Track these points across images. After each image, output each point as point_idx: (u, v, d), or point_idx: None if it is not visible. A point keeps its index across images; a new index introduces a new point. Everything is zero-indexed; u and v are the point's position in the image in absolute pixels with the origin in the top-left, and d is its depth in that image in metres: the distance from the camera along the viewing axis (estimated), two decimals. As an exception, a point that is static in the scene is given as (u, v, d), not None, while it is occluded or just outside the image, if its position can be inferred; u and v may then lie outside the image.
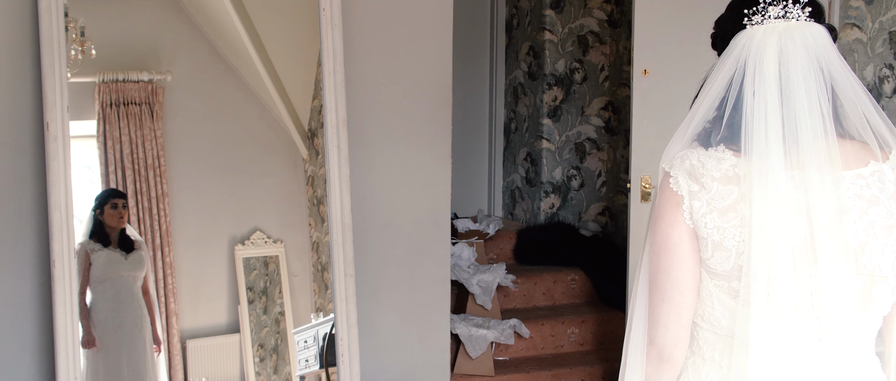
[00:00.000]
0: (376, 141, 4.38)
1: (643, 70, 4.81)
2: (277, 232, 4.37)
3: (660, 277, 2.04)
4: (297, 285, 4.42)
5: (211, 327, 4.27)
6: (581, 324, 5.55)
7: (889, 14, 4.50)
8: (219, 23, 4.21)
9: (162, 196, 4.09)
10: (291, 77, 4.34)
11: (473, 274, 5.83)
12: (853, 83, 1.95)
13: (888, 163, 1.97)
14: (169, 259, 4.11)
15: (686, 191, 1.99)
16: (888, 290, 1.98)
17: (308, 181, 4.41)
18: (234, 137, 4.31)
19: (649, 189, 4.83)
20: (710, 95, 2.00)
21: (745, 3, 2.03)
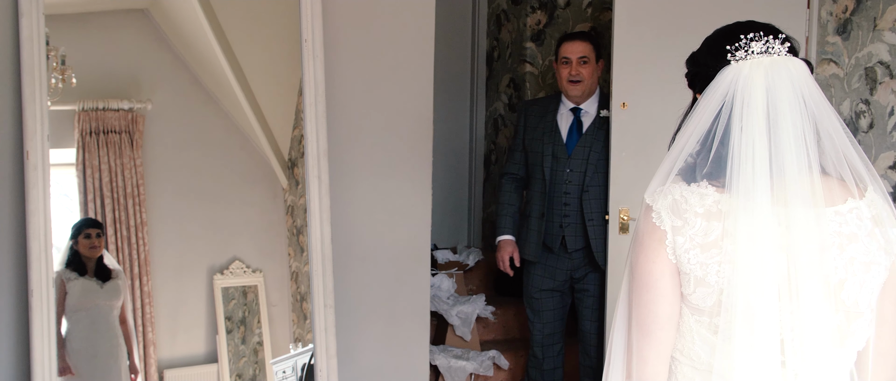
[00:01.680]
0: (357, 171, 4.38)
1: (622, 103, 4.83)
2: (256, 262, 4.36)
3: (640, 311, 2.04)
4: (275, 315, 4.40)
5: (189, 356, 4.25)
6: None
7: (865, 50, 4.55)
8: (200, 52, 4.21)
9: (141, 225, 4.08)
10: (272, 107, 4.34)
11: (453, 305, 5.82)
12: (833, 119, 1.97)
13: (864, 200, 1.99)
14: (147, 288, 4.09)
15: (669, 226, 1.99)
16: (864, 326, 1.99)
17: (288, 211, 4.41)
18: (214, 166, 4.31)
19: (628, 221, 4.84)
20: (697, 130, 2.00)
21: (726, 39, 2.04)
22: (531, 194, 5.09)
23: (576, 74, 4.94)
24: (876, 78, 4.49)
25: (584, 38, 5.02)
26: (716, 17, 2.29)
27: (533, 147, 5.06)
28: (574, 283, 5.09)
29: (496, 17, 7.14)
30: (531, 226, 5.06)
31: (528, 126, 5.11)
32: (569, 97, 5.02)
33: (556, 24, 6.55)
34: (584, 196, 4.90)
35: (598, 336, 5.06)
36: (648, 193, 2.07)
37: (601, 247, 4.92)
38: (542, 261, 5.07)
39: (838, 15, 4.71)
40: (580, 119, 5.00)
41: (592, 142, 4.92)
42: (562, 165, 4.94)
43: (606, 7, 6.21)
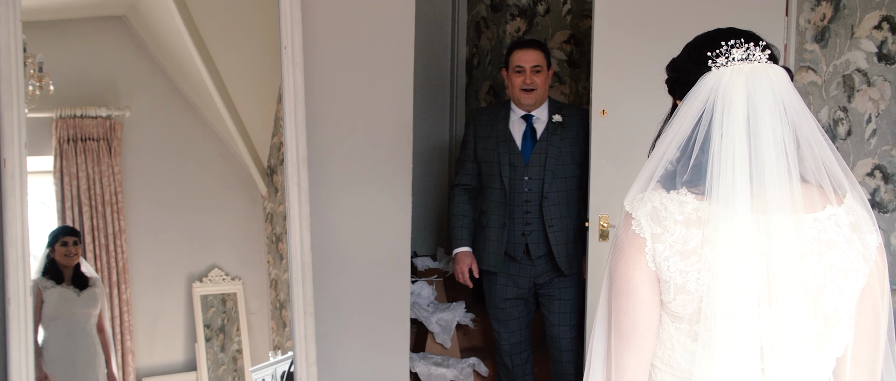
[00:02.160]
0: (336, 179, 4.38)
1: (602, 110, 4.84)
2: (235, 269, 4.34)
3: (620, 318, 2.05)
4: (255, 322, 4.39)
5: (167, 365, 4.23)
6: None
7: (843, 58, 4.57)
8: (178, 59, 4.20)
9: (119, 233, 4.06)
10: (251, 114, 4.33)
11: (433, 312, 5.82)
12: (812, 126, 1.97)
13: (842, 207, 1.99)
14: (125, 296, 4.07)
15: (649, 234, 1.99)
16: (843, 332, 2.00)
17: (267, 218, 4.40)
18: (193, 173, 4.29)
19: (607, 228, 4.84)
20: (677, 136, 2.00)
21: (706, 46, 2.04)
22: (489, 204, 5.06)
23: (530, 83, 4.92)
24: (853, 85, 4.51)
25: (537, 47, 5.01)
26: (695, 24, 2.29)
27: (486, 157, 5.03)
28: (538, 289, 5.08)
29: (476, 24, 7.14)
30: (491, 236, 5.04)
31: (479, 136, 5.08)
32: (520, 105, 5.00)
33: (535, 31, 6.56)
34: (543, 203, 4.90)
35: (568, 341, 5.06)
36: (628, 200, 2.07)
37: (563, 252, 4.92)
38: (504, 270, 5.05)
39: (816, 23, 4.73)
40: (533, 126, 4.99)
41: (548, 148, 4.92)
42: (519, 173, 4.93)
43: (586, 14, 6.22)
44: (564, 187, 4.92)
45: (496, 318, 5.16)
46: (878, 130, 4.41)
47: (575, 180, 4.98)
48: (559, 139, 4.92)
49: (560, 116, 4.95)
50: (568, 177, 4.94)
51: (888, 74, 4.35)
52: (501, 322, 5.14)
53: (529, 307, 5.18)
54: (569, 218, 4.96)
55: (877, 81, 4.41)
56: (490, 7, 6.96)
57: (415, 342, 5.82)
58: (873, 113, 4.43)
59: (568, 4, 6.38)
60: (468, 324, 5.90)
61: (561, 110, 5.00)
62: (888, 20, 4.36)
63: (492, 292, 5.13)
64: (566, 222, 4.94)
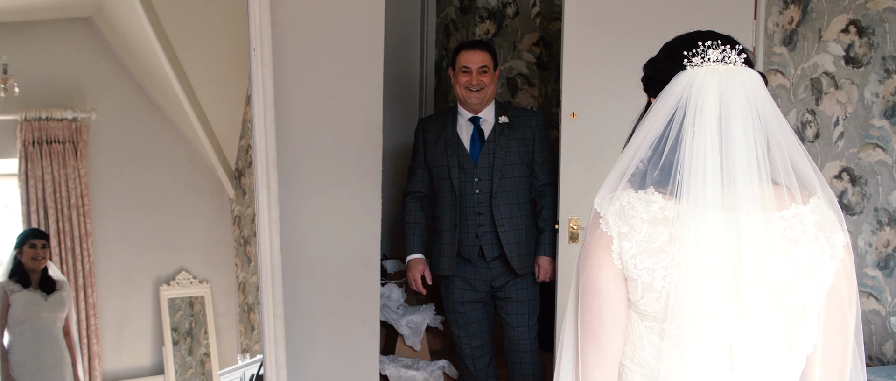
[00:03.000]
0: (306, 181, 4.36)
1: (571, 113, 4.85)
2: (203, 272, 4.32)
3: (587, 317, 2.05)
4: (223, 325, 4.37)
5: (134, 369, 4.20)
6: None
7: (811, 61, 4.59)
8: (145, 61, 4.17)
9: (85, 236, 4.02)
10: (218, 116, 4.30)
11: (403, 315, 5.81)
12: (784, 128, 1.99)
13: (808, 206, 2.00)
14: (92, 300, 4.04)
15: (615, 232, 2.00)
16: (811, 330, 2.01)
17: (235, 221, 4.38)
18: (160, 176, 4.26)
19: (577, 230, 4.85)
20: (650, 134, 2.01)
21: (684, 45, 2.05)
22: (441, 208, 5.07)
23: (477, 84, 4.93)
24: (821, 88, 4.54)
25: (484, 48, 5.02)
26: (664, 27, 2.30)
27: (436, 162, 5.05)
28: (495, 292, 5.08)
29: (445, 27, 7.14)
30: (444, 240, 5.04)
31: (428, 142, 5.09)
32: (467, 106, 5.01)
33: (504, 34, 6.56)
34: (493, 203, 4.90)
35: (527, 342, 5.06)
36: (598, 199, 2.08)
37: (515, 253, 4.93)
38: (459, 274, 5.05)
39: (784, 26, 4.76)
40: (480, 127, 5.00)
41: (495, 148, 4.93)
42: (469, 175, 4.94)
43: (555, 17, 6.23)
44: (514, 187, 4.93)
45: (456, 322, 5.15)
46: (845, 133, 4.44)
47: (524, 180, 4.99)
48: (506, 140, 4.93)
49: (506, 117, 4.96)
50: (517, 177, 4.95)
51: (855, 77, 4.38)
52: (461, 326, 5.14)
53: (489, 311, 5.17)
54: (520, 218, 4.96)
55: (844, 84, 4.43)
56: (459, 9, 6.96)
57: (385, 344, 5.81)
58: (841, 116, 4.46)
59: (537, 7, 6.39)
60: (438, 326, 5.90)
61: (507, 112, 5.01)
62: (855, 24, 4.39)
63: (449, 297, 5.12)
64: (517, 221, 4.95)
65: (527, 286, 5.04)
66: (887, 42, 4.26)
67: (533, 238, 5.01)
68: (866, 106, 4.34)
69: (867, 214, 4.34)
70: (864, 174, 4.35)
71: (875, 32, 4.31)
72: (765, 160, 1.94)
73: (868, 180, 4.34)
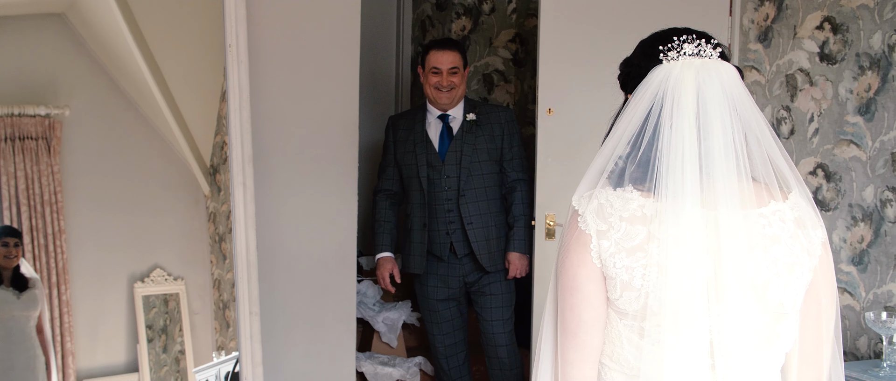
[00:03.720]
0: (282, 178, 4.35)
1: (548, 109, 4.85)
2: (178, 269, 4.30)
3: (566, 315, 2.05)
4: (198, 323, 4.34)
5: (108, 366, 4.17)
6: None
7: (786, 57, 4.61)
8: (119, 57, 4.14)
9: (59, 233, 4.00)
10: (193, 112, 4.28)
11: (379, 312, 5.80)
12: (761, 123, 1.99)
13: (787, 203, 2.01)
14: (65, 297, 4.01)
15: (594, 230, 1.99)
16: (790, 327, 2.01)
17: (210, 218, 4.36)
18: (134, 172, 4.23)
19: (554, 227, 4.85)
20: (627, 130, 2.01)
21: (659, 41, 2.05)
22: (411, 206, 5.07)
23: (447, 84, 4.93)
24: (796, 85, 4.56)
25: (454, 47, 5.02)
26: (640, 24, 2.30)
27: (406, 160, 5.05)
28: (469, 288, 5.09)
29: (421, 23, 7.13)
30: (414, 238, 5.05)
31: (398, 140, 5.10)
32: (437, 105, 5.02)
33: (480, 30, 6.56)
34: (460, 200, 4.90)
35: (503, 336, 5.06)
36: (576, 197, 2.08)
37: (484, 250, 4.94)
38: (432, 271, 5.06)
39: (760, 23, 4.77)
40: (449, 125, 4.99)
41: (463, 146, 4.93)
42: (437, 172, 4.94)
43: (531, 13, 6.23)
44: (482, 184, 4.93)
45: (430, 320, 5.15)
46: (820, 129, 4.46)
47: (494, 177, 4.98)
48: (473, 137, 4.92)
49: (474, 113, 4.96)
50: (485, 174, 4.94)
51: (830, 73, 4.40)
52: (435, 324, 5.13)
53: (462, 308, 5.17)
54: (489, 215, 4.96)
55: (819, 80, 4.45)
56: (435, 6, 6.95)
57: (361, 341, 5.80)
58: (816, 112, 4.47)
59: (513, 3, 6.39)
60: (414, 323, 5.89)
61: (476, 109, 5.01)
62: (830, 21, 4.41)
63: (423, 295, 5.12)
64: (486, 218, 4.95)
65: (500, 280, 5.04)
66: (861, 39, 4.28)
67: (503, 235, 5.01)
68: (841, 102, 4.36)
69: (841, 210, 4.36)
70: (839, 170, 4.37)
71: (849, 29, 4.33)
72: (744, 155, 1.95)
73: (842, 176, 4.36)
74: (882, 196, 4.20)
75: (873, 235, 4.24)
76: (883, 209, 4.19)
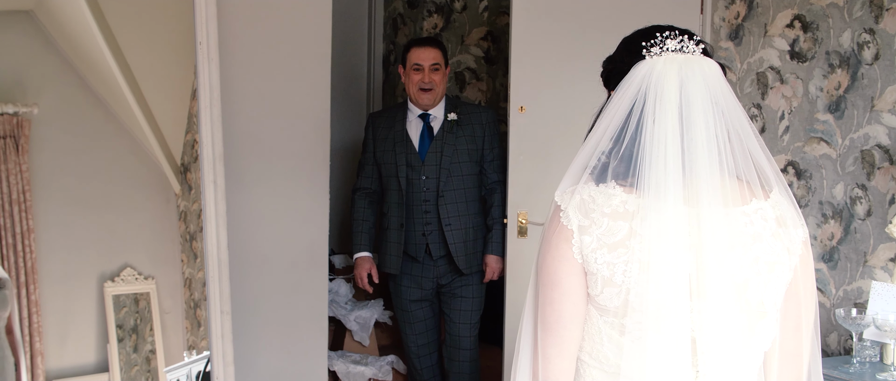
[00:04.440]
0: (253, 176, 4.33)
1: (520, 107, 4.85)
2: (148, 268, 4.27)
3: (546, 310, 2.05)
4: (168, 322, 4.32)
5: (78, 366, 4.15)
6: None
7: (756, 55, 4.63)
8: (88, 55, 4.11)
9: (27, 232, 3.96)
10: (163, 110, 4.26)
11: (351, 310, 5.79)
12: (742, 119, 1.99)
13: (769, 201, 2.01)
14: (34, 297, 3.98)
15: (576, 226, 1.99)
16: (770, 326, 2.01)
17: (180, 216, 4.33)
18: (104, 171, 4.21)
19: (526, 224, 4.85)
20: (610, 126, 2.00)
21: (642, 37, 2.05)
22: (389, 205, 5.04)
23: (428, 82, 4.91)
24: (767, 83, 4.58)
25: (435, 45, 5.01)
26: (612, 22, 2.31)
27: (385, 159, 5.02)
28: (441, 289, 5.08)
29: (392, 21, 7.12)
30: (391, 238, 5.02)
31: (378, 138, 5.07)
32: (418, 104, 5.00)
33: (452, 28, 6.56)
34: (439, 201, 4.88)
35: (469, 339, 5.06)
36: (558, 192, 2.07)
37: (461, 252, 4.92)
38: (406, 271, 5.03)
39: (730, 21, 4.79)
40: (430, 124, 4.98)
41: (443, 146, 4.91)
42: (417, 172, 4.92)
43: (503, 11, 6.23)
44: (462, 186, 4.91)
45: (403, 320, 5.14)
46: (790, 127, 4.48)
47: (473, 179, 4.97)
48: (454, 137, 4.91)
49: (456, 113, 4.94)
50: (465, 175, 4.93)
51: (800, 71, 4.42)
52: (408, 324, 5.12)
53: (435, 309, 5.16)
54: (467, 216, 4.95)
55: (789, 78, 4.47)
56: (407, 4, 6.94)
57: (333, 340, 5.79)
58: (786, 110, 4.50)
59: (485, 1, 6.39)
60: (386, 322, 5.88)
61: (457, 108, 4.99)
62: (800, 19, 4.43)
63: (397, 295, 5.11)
64: (464, 220, 4.93)
65: (473, 284, 5.03)
66: (831, 37, 4.30)
67: (480, 237, 5.00)
68: (811, 100, 4.39)
69: (812, 207, 4.38)
70: (809, 168, 4.40)
71: (819, 27, 4.35)
72: (727, 152, 1.95)
73: (813, 174, 4.38)
74: (852, 194, 4.22)
75: (843, 232, 4.27)
76: (853, 207, 4.22)
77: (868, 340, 3.74)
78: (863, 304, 4.05)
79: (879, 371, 3.59)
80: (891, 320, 3.55)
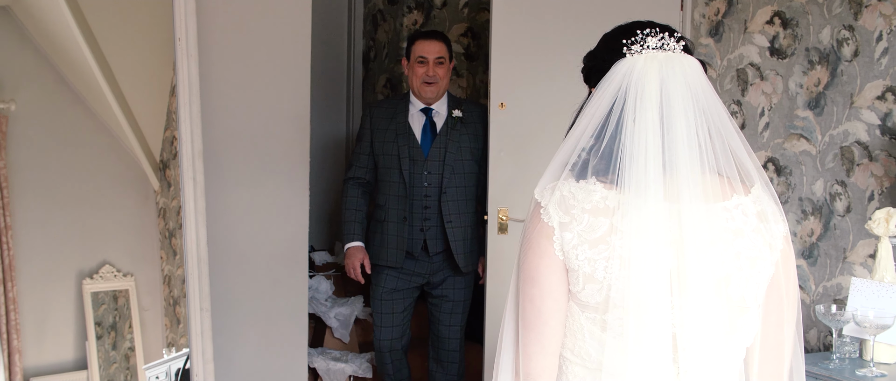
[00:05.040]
0: (233, 173, 4.32)
1: (500, 103, 4.84)
2: (127, 265, 4.26)
3: (526, 307, 2.04)
4: (147, 319, 4.31)
5: (57, 364, 4.13)
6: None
7: (736, 52, 4.64)
8: (66, 51, 4.09)
9: (5, 229, 3.94)
10: (142, 107, 4.24)
11: (331, 307, 5.78)
12: (722, 116, 1.99)
13: (750, 197, 2.01)
14: (12, 294, 3.96)
15: (557, 222, 1.98)
16: (751, 321, 2.02)
17: (159, 213, 4.32)
18: (83, 168, 4.19)
19: (506, 221, 4.85)
20: (591, 123, 2.00)
21: (623, 34, 2.04)
22: (386, 198, 4.96)
23: (433, 75, 4.87)
24: (747, 79, 4.59)
25: (440, 38, 4.96)
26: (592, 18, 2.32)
27: (385, 150, 4.95)
28: (429, 288, 5.05)
29: (372, 17, 7.11)
30: (390, 231, 4.94)
31: (377, 128, 4.99)
32: (421, 98, 4.96)
33: (432, 24, 6.55)
34: (442, 198, 4.86)
35: (456, 341, 5.04)
36: (538, 189, 2.06)
37: (461, 249, 4.90)
38: (400, 265, 4.98)
39: (710, 17, 4.80)
40: (432, 120, 4.95)
41: (447, 143, 4.88)
42: (419, 167, 4.88)
43: (483, 7, 6.23)
44: (463, 183, 4.90)
45: (381, 311, 5.04)
46: (770, 124, 4.49)
47: (474, 177, 4.95)
48: (458, 134, 4.89)
49: (460, 110, 4.92)
50: (466, 173, 4.91)
51: (780, 68, 4.44)
52: (387, 315, 5.03)
53: (414, 304, 5.11)
54: (467, 214, 4.93)
55: (769, 74, 4.49)
56: (387, 0, 6.94)
57: (313, 336, 5.78)
58: (766, 106, 4.51)
59: (465, -3, 6.39)
60: (367, 318, 5.88)
61: (461, 105, 4.96)
62: (780, 15, 4.45)
63: (380, 285, 5.01)
64: (464, 218, 4.91)
65: (464, 286, 5.00)
66: (810, 33, 4.32)
67: (477, 236, 4.98)
68: (791, 97, 4.40)
69: (792, 204, 4.40)
70: (789, 164, 4.41)
71: (799, 24, 4.36)
72: (708, 148, 1.94)
73: (793, 171, 4.40)
74: (831, 190, 4.24)
75: (823, 228, 4.28)
76: (832, 203, 4.24)
77: (848, 336, 3.75)
78: (842, 300, 4.06)
79: (859, 367, 3.60)
80: (870, 316, 3.56)
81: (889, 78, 4.02)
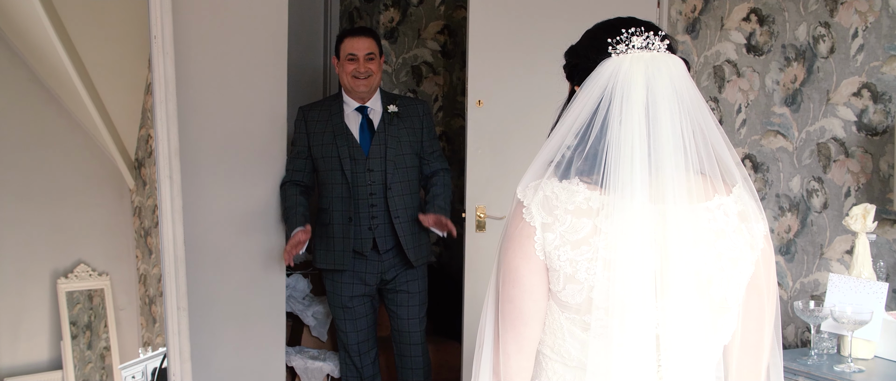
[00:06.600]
0: (209, 171, 4.30)
1: (477, 101, 4.84)
2: (103, 265, 4.23)
3: (505, 306, 2.03)
4: (123, 318, 4.28)
5: (31, 364, 4.11)
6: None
7: (713, 49, 4.65)
8: (39, 48, 4.06)
9: (-22, 229, 3.92)
10: (117, 105, 4.21)
11: (309, 306, 5.76)
12: (706, 115, 1.98)
13: (731, 197, 2.01)
14: (-14, 294, 3.94)
15: (539, 223, 1.97)
16: (730, 321, 2.02)
17: (135, 212, 4.29)
18: (57, 167, 4.16)
19: (484, 219, 4.85)
20: (576, 123, 1.99)
21: (607, 33, 2.03)
22: (329, 200, 4.87)
23: (364, 71, 4.83)
24: (724, 76, 4.60)
25: (370, 34, 4.92)
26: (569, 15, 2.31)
27: (324, 153, 4.86)
28: (384, 285, 5.01)
29: (349, 15, 7.09)
30: (335, 233, 4.86)
31: (314, 132, 4.89)
32: (354, 96, 4.90)
33: (409, 22, 6.54)
34: (388, 194, 4.82)
35: (418, 334, 5.02)
36: (520, 188, 2.05)
37: (411, 244, 4.85)
38: (349, 267, 4.89)
39: (687, 14, 4.81)
40: (369, 118, 4.91)
41: (386, 139, 4.83)
42: (361, 166, 4.81)
43: (460, 5, 6.23)
44: (407, 178, 4.86)
45: (343, 317, 4.98)
46: (747, 120, 4.50)
47: (415, 171, 4.92)
48: (396, 130, 4.85)
49: (395, 106, 4.89)
50: (408, 167, 4.87)
51: (757, 65, 4.45)
52: (350, 321, 4.98)
53: (375, 305, 5.07)
54: (413, 209, 4.89)
55: (746, 71, 4.50)
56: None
57: (291, 335, 5.76)
58: (743, 103, 4.52)
59: (442, -6, 6.39)
60: (344, 317, 5.86)
61: (396, 101, 4.93)
62: (756, 12, 4.46)
63: (337, 291, 4.95)
64: (411, 212, 4.87)
65: (418, 278, 4.98)
66: (787, 30, 4.33)
67: (424, 229, 4.95)
68: (767, 93, 4.41)
69: (769, 200, 4.41)
70: (766, 161, 4.42)
71: (775, 21, 4.38)
72: (692, 149, 1.94)
73: (770, 167, 4.41)
74: (808, 186, 4.25)
75: (800, 225, 4.30)
76: (809, 199, 4.25)
77: (825, 332, 3.76)
78: (820, 296, 4.08)
79: (837, 363, 3.62)
80: (848, 312, 3.57)
81: (865, 75, 4.03)
